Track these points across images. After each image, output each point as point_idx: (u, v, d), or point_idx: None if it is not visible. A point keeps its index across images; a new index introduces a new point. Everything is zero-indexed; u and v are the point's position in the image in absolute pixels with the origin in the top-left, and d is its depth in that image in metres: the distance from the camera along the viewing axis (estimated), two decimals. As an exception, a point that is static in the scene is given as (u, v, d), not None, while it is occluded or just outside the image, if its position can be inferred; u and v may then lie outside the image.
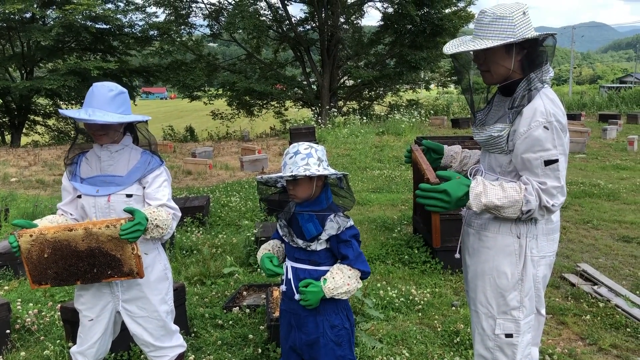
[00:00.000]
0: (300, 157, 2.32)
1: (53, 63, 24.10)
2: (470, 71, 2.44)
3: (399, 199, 8.69)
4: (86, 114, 2.47)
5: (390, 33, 25.04)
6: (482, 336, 2.35)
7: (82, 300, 2.73)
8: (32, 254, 2.50)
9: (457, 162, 2.65)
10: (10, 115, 24.63)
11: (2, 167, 14.23)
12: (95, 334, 2.74)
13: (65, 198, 2.74)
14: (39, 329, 4.14)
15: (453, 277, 5.12)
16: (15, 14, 20.32)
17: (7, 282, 5.28)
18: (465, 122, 18.75)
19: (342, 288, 2.32)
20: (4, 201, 9.14)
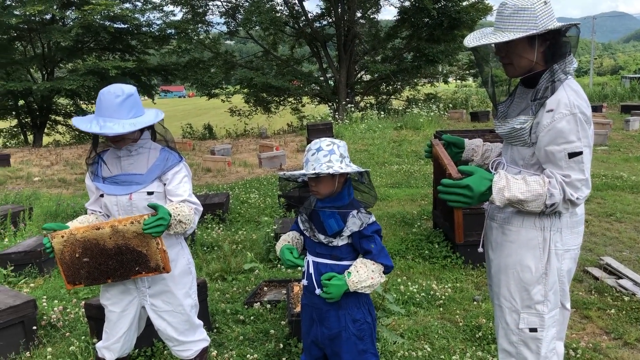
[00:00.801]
0: (323, 154, 2.31)
1: (73, 63, 24.38)
2: (491, 64, 2.41)
3: (418, 193, 8.65)
4: (97, 125, 2.48)
5: (407, 27, 24.88)
6: (505, 330, 2.33)
7: (108, 296, 2.77)
8: (64, 254, 2.57)
9: (479, 156, 2.63)
10: (32, 115, 24.99)
11: (25, 166, 14.46)
12: (120, 329, 2.78)
13: (91, 197, 2.79)
14: (64, 325, 4.21)
15: (474, 272, 5.09)
16: (35, 16, 20.60)
17: (32, 280, 5.37)
18: (485, 115, 18.57)
19: (366, 282, 2.32)
20: (28, 200, 9.29)
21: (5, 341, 3.77)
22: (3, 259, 5.43)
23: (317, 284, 2.41)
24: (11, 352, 3.78)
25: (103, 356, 2.84)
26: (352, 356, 2.45)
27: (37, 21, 21.69)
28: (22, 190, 10.64)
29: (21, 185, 11.80)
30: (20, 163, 15.11)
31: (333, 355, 2.50)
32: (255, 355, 3.59)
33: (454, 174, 2.16)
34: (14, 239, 6.63)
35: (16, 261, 5.41)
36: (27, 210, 7.53)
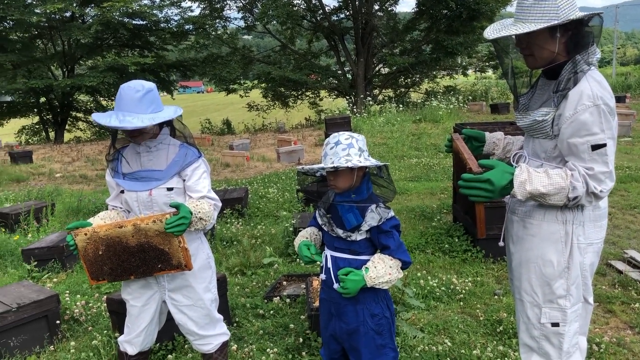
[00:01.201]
0: (341, 148, 2.30)
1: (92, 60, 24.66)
2: (511, 55, 2.37)
3: (437, 187, 8.59)
4: (117, 119, 2.49)
5: (425, 19, 24.68)
6: (527, 325, 2.30)
7: (129, 290, 2.79)
8: (88, 251, 2.60)
9: (500, 149, 2.59)
10: (54, 112, 25.35)
11: (47, 163, 14.67)
12: (142, 323, 2.81)
13: (112, 193, 2.82)
14: (87, 320, 4.27)
15: (495, 266, 5.04)
16: (55, 14, 20.84)
17: (55, 275, 5.44)
18: (505, 108, 18.36)
19: (383, 277, 2.31)
20: (50, 196, 9.42)
21: (30, 335, 3.83)
22: (27, 255, 5.52)
23: (335, 278, 2.41)
24: (36, 346, 3.85)
25: (125, 350, 2.87)
26: (371, 351, 2.44)
27: (57, 19, 21.97)
28: (44, 186, 10.80)
29: (43, 181, 11.97)
30: (42, 160, 15.34)
31: (351, 349, 2.50)
32: (275, 349, 3.60)
33: (474, 168, 2.13)
34: (37, 235, 6.73)
35: (39, 256, 5.50)
36: (49, 206, 7.64)
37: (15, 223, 6.99)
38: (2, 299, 3.92)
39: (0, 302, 3.86)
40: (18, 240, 6.44)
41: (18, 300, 3.87)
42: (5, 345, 3.71)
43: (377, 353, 2.45)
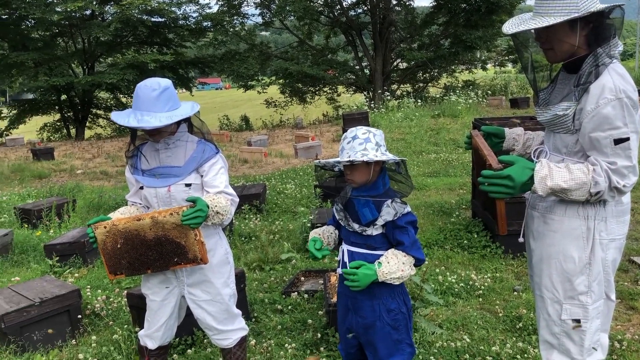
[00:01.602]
0: (358, 142, 2.29)
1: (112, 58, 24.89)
2: (531, 50, 2.34)
3: (456, 182, 8.53)
4: (135, 119, 2.52)
5: (443, 13, 24.48)
6: (547, 321, 2.28)
7: (149, 285, 2.82)
8: (107, 244, 2.64)
9: (520, 145, 2.56)
10: (75, 109, 25.66)
11: (68, 159, 14.86)
12: (161, 317, 2.84)
13: (131, 189, 2.86)
14: (108, 314, 4.32)
15: (514, 262, 5.00)
16: (76, 12, 21.07)
17: (77, 270, 5.52)
18: (525, 102, 18.14)
19: (395, 273, 2.30)
20: (72, 192, 9.55)
21: (53, 329, 3.89)
22: (49, 250, 5.61)
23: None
24: (58, 340, 3.91)
25: (145, 344, 2.90)
26: (387, 345, 2.44)
27: (78, 17, 22.21)
28: (65, 182, 10.94)
29: (65, 177, 12.13)
30: (63, 156, 15.54)
31: (368, 344, 2.50)
32: (293, 344, 3.61)
33: (494, 164, 2.11)
34: (59, 231, 6.83)
35: (61, 252, 5.58)
36: (70, 202, 7.74)
37: (38, 219, 7.10)
38: (26, 293, 3.99)
39: (24, 297, 3.93)
40: (40, 235, 6.54)
41: (41, 295, 3.93)
42: (29, 339, 3.77)
43: (393, 348, 2.45)
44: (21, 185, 11.15)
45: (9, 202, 8.83)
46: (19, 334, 3.73)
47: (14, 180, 11.76)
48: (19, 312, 3.75)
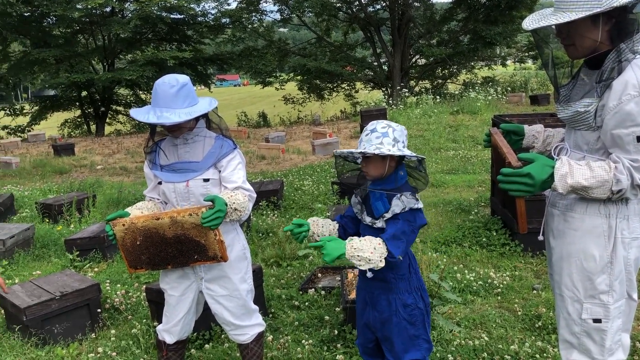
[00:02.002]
0: (375, 136, 2.30)
1: (132, 54, 25.11)
2: (551, 45, 2.31)
3: (475, 180, 8.47)
4: (154, 116, 2.54)
5: (463, 9, 24.30)
6: (567, 321, 2.25)
7: (167, 280, 2.85)
8: (126, 241, 2.67)
9: (540, 142, 2.52)
10: (95, 106, 25.94)
11: (88, 155, 15.04)
12: (180, 312, 2.86)
13: (149, 185, 2.88)
14: (127, 309, 4.37)
15: (534, 260, 4.95)
16: (96, 9, 21.28)
17: (96, 264, 5.58)
18: (545, 99, 17.95)
19: (364, 252, 2.21)
20: (92, 188, 9.66)
21: (72, 323, 3.94)
22: (69, 245, 5.68)
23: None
24: (78, 333, 3.96)
25: (163, 339, 2.92)
26: (403, 341, 2.44)
27: (98, 14, 22.41)
28: (86, 178, 11.07)
29: (85, 173, 12.27)
30: (84, 152, 15.73)
31: (384, 339, 2.50)
32: (310, 340, 3.62)
33: (513, 162, 2.09)
34: (79, 225, 6.91)
35: (81, 246, 5.65)
36: (90, 197, 7.83)
37: (59, 214, 7.19)
38: (46, 287, 4.05)
39: (45, 291, 3.98)
40: (61, 230, 6.63)
41: (61, 289, 3.99)
42: (50, 332, 3.83)
43: (410, 343, 2.44)
44: (42, 180, 11.31)
45: (30, 197, 8.96)
46: (40, 327, 3.79)
47: (36, 176, 11.93)
48: (40, 306, 3.80)
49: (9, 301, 3.90)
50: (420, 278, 2.47)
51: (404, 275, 2.41)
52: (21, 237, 5.97)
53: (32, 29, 22.58)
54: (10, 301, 3.87)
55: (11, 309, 3.91)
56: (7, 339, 3.87)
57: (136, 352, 3.62)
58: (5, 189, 10.05)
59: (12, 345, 3.78)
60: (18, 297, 3.91)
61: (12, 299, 3.89)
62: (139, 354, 3.60)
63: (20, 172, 12.38)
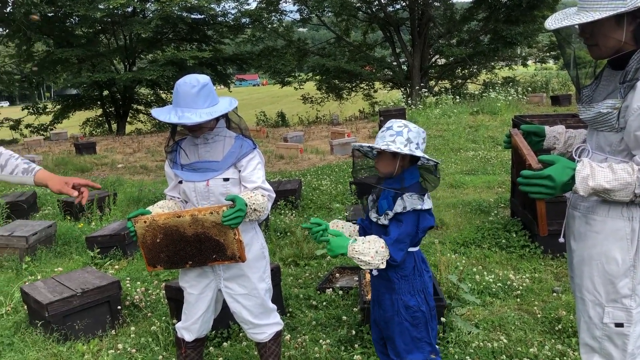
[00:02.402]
0: (390, 133, 2.32)
1: (153, 54, 25.37)
2: (574, 45, 2.28)
3: (495, 180, 8.40)
4: (176, 116, 2.56)
5: (483, 8, 24.10)
6: (588, 324, 2.22)
7: (186, 279, 2.87)
8: (146, 238, 2.69)
9: (561, 144, 2.49)
10: (116, 105, 26.28)
11: (110, 154, 15.21)
12: (198, 310, 2.88)
13: (170, 184, 2.90)
14: (146, 306, 4.41)
15: (554, 262, 4.90)
16: (118, 9, 21.53)
17: (117, 262, 5.65)
18: (566, 99, 17.73)
19: (365, 256, 2.28)
20: (113, 186, 9.77)
21: (93, 319, 4.00)
22: (90, 242, 5.75)
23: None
24: (99, 330, 4.01)
25: (182, 336, 2.95)
26: (405, 341, 2.45)
27: (120, 14, 22.68)
28: (107, 176, 11.21)
29: (106, 171, 12.42)
30: (105, 151, 15.91)
31: (388, 338, 2.54)
32: (327, 340, 3.62)
33: (533, 164, 2.06)
34: (100, 223, 7.00)
35: (102, 244, 5.72)
36: (111, 195, 7.92)
37: (80, 211, 7.29)
38: (68, 284, 4.11)
39: (66, 287, 4.04)
40: (82, 228, 6.72)
41: (82, 286, 4.04)
42: (71, 328, 3.88)
43: (412, 345, 2.46)
44: (65, 178, 11.44)
45: (52, 194, 9.09)
46: (62, 323, 3.84)
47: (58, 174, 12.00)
48: (62, 302, 3.86)
49: (31, 297, 3.97)
50: (425, 281, 2.47)
51: (407, 276, 2.43)
52: (43, 234, 6.06)
53: (55, 28, 22.93)
54: (33, 297, 3.94)
55: (34, 305, 3.98)
56: (30, 334, 3.94)
57: (155, 349, 3.66)
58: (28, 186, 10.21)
59: (34, 341, 3.84)
60: (40, 293, 3.98)
61: (35, 295, 3.95)
62: (158, 351, 3.63)
63: (42, 170, 12.55)
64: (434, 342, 2.50)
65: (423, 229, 2.36)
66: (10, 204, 7.43)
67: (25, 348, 3.78)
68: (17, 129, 25.80)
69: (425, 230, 2.38)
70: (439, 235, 5.82)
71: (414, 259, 2.44)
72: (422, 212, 2.34)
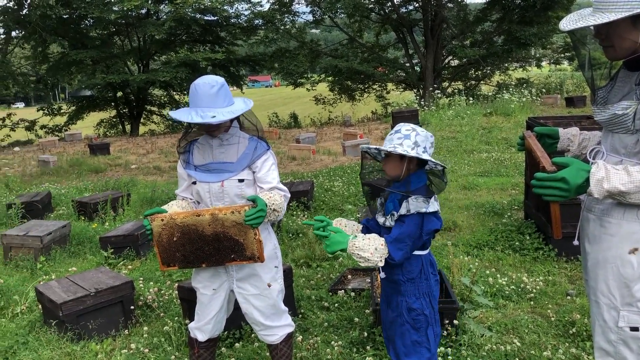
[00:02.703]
0: (397, 136, 2.34)
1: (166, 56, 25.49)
2: (589, 47, 2.26)
3: (508, 182, 8.35)
4: (197, 116, 2.55)
5: (497, 9, 23.97)
6: (603, 328, 2.20)
7: (199, 279, 2.88)
8: (162, 237, 2.69)
9: (575, 146, 2.47)
10: (130, 106, 26.46)
11: (123, 155, 15.32)
12: (211, 310, 2.89)
13: (182, 185, 2.91)
14: (159, 306, 4.43)
15: (568, 265, 4.86)
16: (132, 11, 21.69)
17: (130, 262, 5.68)
18: (581, 101, 17.57)
19: (364, 252, 2.30)
20: (126, 186, 9.84)
21: (107, 319, 4.03)
22: (104, 242, 5.80)
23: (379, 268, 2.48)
24: (112, 329, 4.03)
25: (195, 336, 2.96)
26: (405, 344, 2.46)
27: (134, 16, 22.83)
28: (120, 177, 11.29)
29: (120, 172, 12.51)
30: (119, 151, 16.03)
31: (389, 339, 2.56)
32: (339, 342, 3.62)
33: (547, 167, 2.05)
34: (114, 223, 7.05)
35: (115, 244, 5.76)
36: (125, 196, 7.98)
37: (94, 212, 7.35)
38: (82, 283, 4.14)
39: (80, 287, 4.08)
40: (96, 228, 6.77)
41: (96, 286, 4.07)
42: (85, 327, 3.92)
43: (411, 348, 2.46)
44: (79, 179, 11.57)
45: (67, 195, 9.18)
46: (76, 322, 3.87)
47: (72, 174, 12.22)
48: (76, 301, 3.89)
49: (46, 296, 4.00)
50: (431, 285, 2.47)
51: (414, 279, 2.43)
52: (58, 234, 6.12)
53: (70, 30, 23.15)
54: (48, 296, 3.98)
55: (48, 304, 4.02)
56: (45, 333, 3.97)
57: (168, 349, 3.68)
58: (43, 186, 10.33)
59: (49, 340, 3.88)
60: (55, 292, 4.01)
61: (49, 294, 3.99)
62: (170, 351, 3.65)
63: (57, 171, 12.69)
64: (433, 349, 2.49)
65: (427, 231, 2.36)
66: (25, 204, 7.50)
67: (39, 347, 3.82)
68: (33, 129, 26.07)
69: (429, 232, 2.37)
70: (451, 237, 5.80)
71: (422, 262, 2.44)
72: (427, 215, 2.34)
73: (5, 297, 4.65)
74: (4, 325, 4.23)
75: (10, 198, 8.76)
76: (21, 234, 5.91)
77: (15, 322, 4.31)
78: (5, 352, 3.80)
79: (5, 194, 9.77)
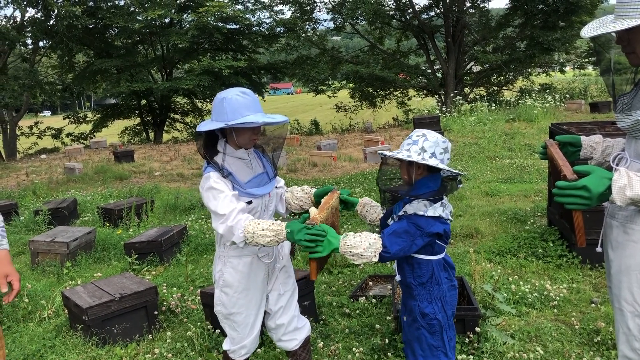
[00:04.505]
0: (407, 142, 2.41)
1: (189, 64, 25.79)
2: (611, 54, 2.25)
3: (531, 189, 8.27)
4: (268, 117, 2.54)
5: (519, 14, 23.77)
6: (627, 336, 2.18)
7: (242, 302, 2.77)
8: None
9: (599, 153, 2.45)
10: (153, 114, 26.79)
11: (147, 162, 15.51)
12: (255, 329, 2.85)
13: (224, 200, 2.54)
14: (182, 312, 4.48)
15: (592, 272, 4.79)
16: (156, 20, 22.02)
17: (153, 268, 5.75)
18: (606, 106, 17.30)
19: (356, 249, 2.31)
20: (150, 193, 9.97)
21: (131, 324, 4.08)
22: (128, 248, 5.88)
23: (397, 269, 2.55)
24: (136, 334, 4.09)
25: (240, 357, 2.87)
26: (422, 347, 2.49)
27: (157, 25, 23.16)
28: (144, 184, 11.43)
29: (144, 179, 12.67)
30: (142, 159, 16.23)
31: (406, 342, 2.61)
32: (360, 348, 3.62)
33: (568, 175, 2.04)
34: (138, 230, 7.15)
35: (139, 250, 5.84)
36: (149, 202, 8.09)
37: (118, 218, 7.46)
38: (107, 288, 4.21)
39: (105, 292, 4.14)
40: (120, 234, 6.87)
41: (120, 291, 4.14)
42: (109, 332, 3.98)
43: (429, 352, 2.49)
44: (103, 186, 11.74)
45: (92, 201, 9.33)
46: (101, 327, 3.94)
47: (97, 181, 12.41)
48: (101, 306, 3.96)
49: (72, 301, 4.08)
50: (444, 290, 2.48)
51: (424, 284, 2.46)
52: (83, 240, 6.22)
53: (95, 40, 23.55)
54: (74, 301, 4.05)
55: (74, 309, 4.09)
56: (71, 338, 4.05)
57: (191, 354, 3.72)
58: (69, 193, 10.51)
59: (74, 344, 3.95)
60: (80, 297, 4.09)
61: (75, 299, 4.06)
62: (193, 356, 3.69)
63: (83, 178, 12.90)
64: (450, 354, 2.51)
65: (428, 233, 2.37)
66: (52, 211, 7.65)
67: (65, 351, 3.89)
68: (59, 137, 26.57)
69: (430, 235, 2.37)
70: (474, 244, 5.76)
71: (432, 267, 2.46)
72: (427, 218, 2.36)
73: (32, 302, 4.75)
74: (32, 329, 4.32)
75: (37, 205, 8.94)
76: (48, 240, 6.03)
77: (42, 326, 4.40)
78: (33, 355, 3.88)
79: (33, 200, 9.97)
